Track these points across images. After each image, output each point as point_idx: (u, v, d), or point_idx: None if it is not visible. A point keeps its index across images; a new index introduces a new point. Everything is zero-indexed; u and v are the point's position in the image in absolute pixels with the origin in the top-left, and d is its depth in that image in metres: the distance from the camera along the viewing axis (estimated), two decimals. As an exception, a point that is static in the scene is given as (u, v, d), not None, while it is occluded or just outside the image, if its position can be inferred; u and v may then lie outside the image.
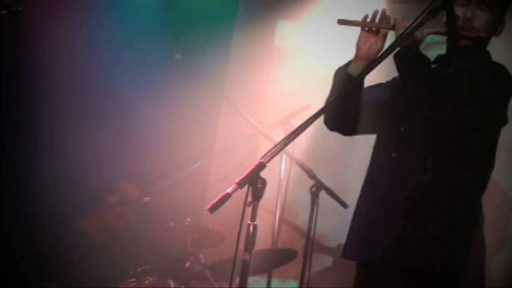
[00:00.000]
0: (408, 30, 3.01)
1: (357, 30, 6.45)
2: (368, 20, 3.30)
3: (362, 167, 6.00)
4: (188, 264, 4.78)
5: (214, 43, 6.22)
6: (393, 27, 3.20)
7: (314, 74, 6.26)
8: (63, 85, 5.59)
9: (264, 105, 6.36)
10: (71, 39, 5.62)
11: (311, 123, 2.75)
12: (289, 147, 4.08)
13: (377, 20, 3.28)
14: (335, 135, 5.92)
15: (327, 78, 6.01)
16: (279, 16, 6.54)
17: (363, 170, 5.93)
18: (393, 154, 3.24)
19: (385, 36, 3.27)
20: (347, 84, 3.28)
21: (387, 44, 3.26)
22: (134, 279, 4.63)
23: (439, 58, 3.33)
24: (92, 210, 5.25)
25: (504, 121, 3.23)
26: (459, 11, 3.22)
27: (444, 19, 3.10)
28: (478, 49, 3.28)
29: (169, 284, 4.66)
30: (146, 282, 4.62)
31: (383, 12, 3.26)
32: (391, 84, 3.44)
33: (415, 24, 2.99)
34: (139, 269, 4.65)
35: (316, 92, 5.64)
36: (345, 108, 3.32)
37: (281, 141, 2.77)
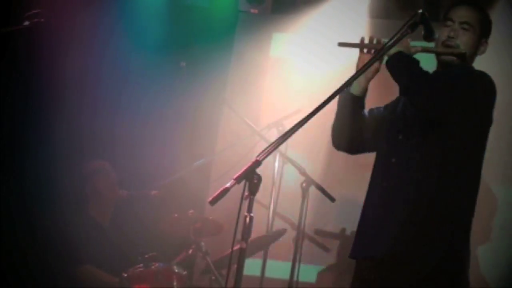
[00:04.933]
0: (390, 42, 3.00)
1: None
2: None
3: (346, 166, 6.03)
4: (190, 251, 4.77)
5: (216, 53, 6.22)
6: (383, 48, 3.14)
7: (306, 81, 6.27)
8: (78, 90, 5.59)
9: (260, 109, 6.36)
10: (85, 48, 5.62)
11: (302, 125, 2.76)
12: (282, 147, 4.08)
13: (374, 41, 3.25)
14: (324, 138, 5.94)
15: (317, 85, 6.05)
16: (275, 29, 6.54)
17: (348, 169, 5.97)
18: (393, 160, 3.23)
19: (381, 57, 3.21)
20: (350, 103, 3.29)
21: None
22: (141, 265, 4.62)
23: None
24: (95, 200, 5.22)
25: (489, 122, 3.23)
26: (444, 32, 3.26)
27: (423, 32, 3.10)
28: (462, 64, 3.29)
29: (173, 270, 4.65)
30: (153, 267, 4.61)
31: (378, 38, 3.23)
32: (390, 104, 3.45)
33: (396, 37, 2.99)
34: (146, 256, 4.63)
35: (307, 97, 5.67)
36: (350, 126, 3.33)
37: (275, 141, 2.77)
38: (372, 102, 3.48)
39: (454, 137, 3.14)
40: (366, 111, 3.39)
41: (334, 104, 3.00)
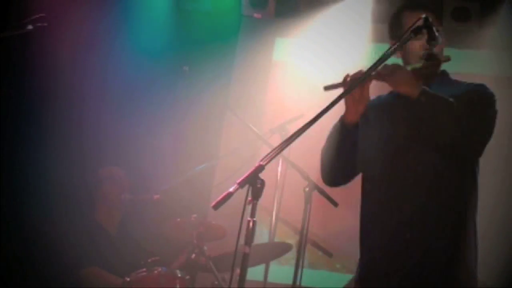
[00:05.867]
0: (393, 47, 2.99)
1: (347, 47, 6.46)
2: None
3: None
4: (193, 256, 4.76)
5: (219, 57, 6.23)
6: (379, 75, 3.06)
7: (308, 85, 6.27)
8: (82, 95, 5.60)
9: (263, 113, 6.36)
10: (88, 53, 5.63)
11: (305, 130, 2.75)
12: (285, 151, 4.07)
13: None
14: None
15: (320, 89, 6.03)
16: (277, 34, 6.55)
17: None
18: (387, 172, 3.16)
19: (368, 87, 3.11)
20: (342, 135, 3.20)
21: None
22: (144, 269, 4.61)
23: None
24: (104, 206, 5.22)
25: (490, 136, 3.14)
26: (417, 44, 3.14)
27: (425, 37, 3.08)
28: (439, 70, 3.25)
29: (176, 274, 4.64)
30: (155, 272, 4.60)
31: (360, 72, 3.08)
32: (362, 120, 3.26)
33: (399, 42, 2.97)
34: (149, 260, 4.63)
35: (310, 102, 5.65)
36: (344, 155, 3.24)
37: (278, 146, 2.77)
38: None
39: (453, 158, 3.09)
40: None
41: (337, 108, 2.98)
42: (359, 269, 3.30)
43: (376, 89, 3.39)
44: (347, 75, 3.08)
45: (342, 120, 3.21)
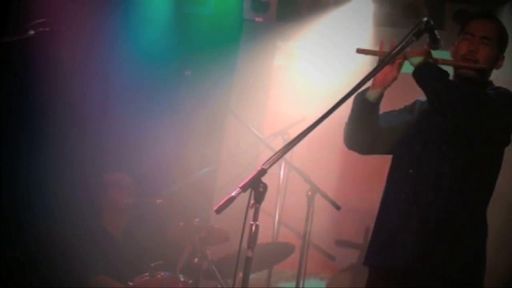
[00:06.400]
0: (395, 51, 2.99)
1: (348, 50, 6.47)
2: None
3: (352, 173, 6.03)
4: (196, 260, 4.76)
5: (221, 61, 6.22)
6: (405, 57, 3.14)
7: (310, 90, 6.27)
8: (83, 99, 5.59)
9: (265, 117, 6.36)
10: (90, 57, 5.63)
11: (307, 134, 2.75)
12: (287, 155, 4.07)
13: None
14: (330, 145, 5.93)
15: (322, 93, 6.05)
16: (279, 38, 6.55)
17: (354, 176, 5.96)
18: (410, 171, 3.21)
19: (400, 66, 3.19)
20: (364, 109, 3.25)
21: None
22: (147, 274, 4.61)
23: None
24: (109, 211, 5.22)
25: (508, 142, 3.23)
26: (464, 45, 3.24)
27: (427, 40, 3.09)
28: (481, 79, 3.27)
29: (179, 278, 4.64)
30: (158, 276, 4.60)
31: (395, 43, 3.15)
32: (404, 110, 3.43)
33: (401, 45, 2.98)
34: (152, 264, 4.63)
35: (312, 105, 5.66)
36: (363, 129, 3.30)
37: (280, 149, 2.76)
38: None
39: (475, 152, 3.14)
40: (380, 114, 3.35)
41: (339, 112, 2.98)
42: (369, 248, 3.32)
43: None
44: (382, 44, 3.19)
45: (364, 94, 3.25)
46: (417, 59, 3.09)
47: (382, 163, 3.51)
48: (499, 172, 3.25)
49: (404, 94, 3.41)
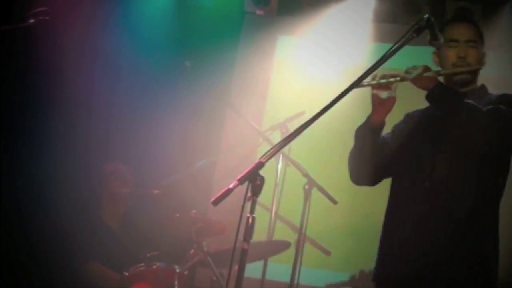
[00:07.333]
0: (395, 46, 2.98)
1: (348, 45, 6.46)
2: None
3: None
4: (192, 251, 4.76)
5: (221, 53, 6.22)
6: (401, 79, 3.14)
7: (309, 84, 6.27)
8: (83, 90, 5.59)
9: (264, 111, 6.37)
10: (89, 47, 5.62)
11: (306, 128, 2.75)
12: (285, 149, 4.07)
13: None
14: (327, 140, 5.94)
15: (321, 87, 6.04)
16: (280, 32, 6.55)
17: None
18: (426, 184, 3.20)
19: (396, 87, 3.20)
20: (369, 136, 3.26)
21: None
22: (143, 264, 4.62)
23: None
24: (108, 201, 5.23)
25: None
26: (451, 53, 3.27)
27: (428, 37, 3.09)
28: (476, 81, 3.31)
29: (174, 269, 4.64)
30: (154, 266, 4.59)
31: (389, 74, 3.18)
32: (403, 123, 3.43)
33: (401, 41, 2.97)
34: (148, 255, 4.63)
35: (311, 100, 5.66)
36: (371, 160, 3.30)
37: (278, 143, 2.77)
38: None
39: (488, 161, 3.15)
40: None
41: (337, 106, 2.98)
42: (377, 262, 3.31)
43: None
44: (376, 74, 3.14)
45: (368, 121, 3.27)
46: (422, 83, 3.11)
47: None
48: (506, 176, 3.25)
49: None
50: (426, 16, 3.02)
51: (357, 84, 2.94)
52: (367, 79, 3.06)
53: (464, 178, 3.15)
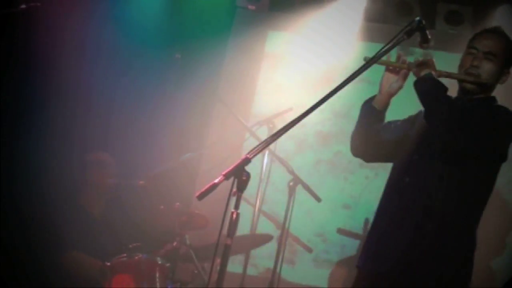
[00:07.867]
0: (386, 47, 2.98)
1: (338, 44, 6.46)
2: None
3: (335, 165, 6.04)
4: (175, 243, 4.76)
5: (211, 47, 6.20)
6: (409, 67, 3.19)
7: (299, 80, 6.27)
8: (72, 79, 5.55)
9: (252, 105, 6.36)
10: (80, 36, 5.59)
11: (293, 125, 2.75)
12: (272, 145, 4.08)
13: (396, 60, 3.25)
14: (314, 137, 5.94)
15: (310, 84, 6.05)
16: (271, 28, 6.54)
17: (336, 168, 5.97)
18: (407, 179, 3.23)
19: (405, 76, 3.25)
20: (370, 115, 3.32)
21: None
22: (125, 255, 4.60)
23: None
24: (91, 189, 5.20)
25: (503, 159, 3.23)
26: (468, 59, 3.27)
27: (418, 39, 3.10)
28: (483, 93, 3.29)
29: (156, 261, 4.63)
30: (136, 258, 4.58)
31: (402, 55, 3.25)
32: (408, 120, 3.46)
33: (392, 43, 2.97)
34: (131, 246, 4.61)
35: (299, 96, 5.67)
36: (368, 138, 3.35)
37: (266, 139, 2.77)
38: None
39: (469, 168, 3.15)
40: (384, 123, 3.39)
41: (326, 105, 2.98)
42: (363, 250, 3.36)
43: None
44: (400, 54, 3.22)
45: (371, 103, 3.32)
46: (422, 72, 3.13)
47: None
48: (492, 188, 3.25)
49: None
50: (418, 18, 3.03)
51: (345, 84, 2.92)
52: (383, 58, 3.10)
53: (441, 176, 3.15)
